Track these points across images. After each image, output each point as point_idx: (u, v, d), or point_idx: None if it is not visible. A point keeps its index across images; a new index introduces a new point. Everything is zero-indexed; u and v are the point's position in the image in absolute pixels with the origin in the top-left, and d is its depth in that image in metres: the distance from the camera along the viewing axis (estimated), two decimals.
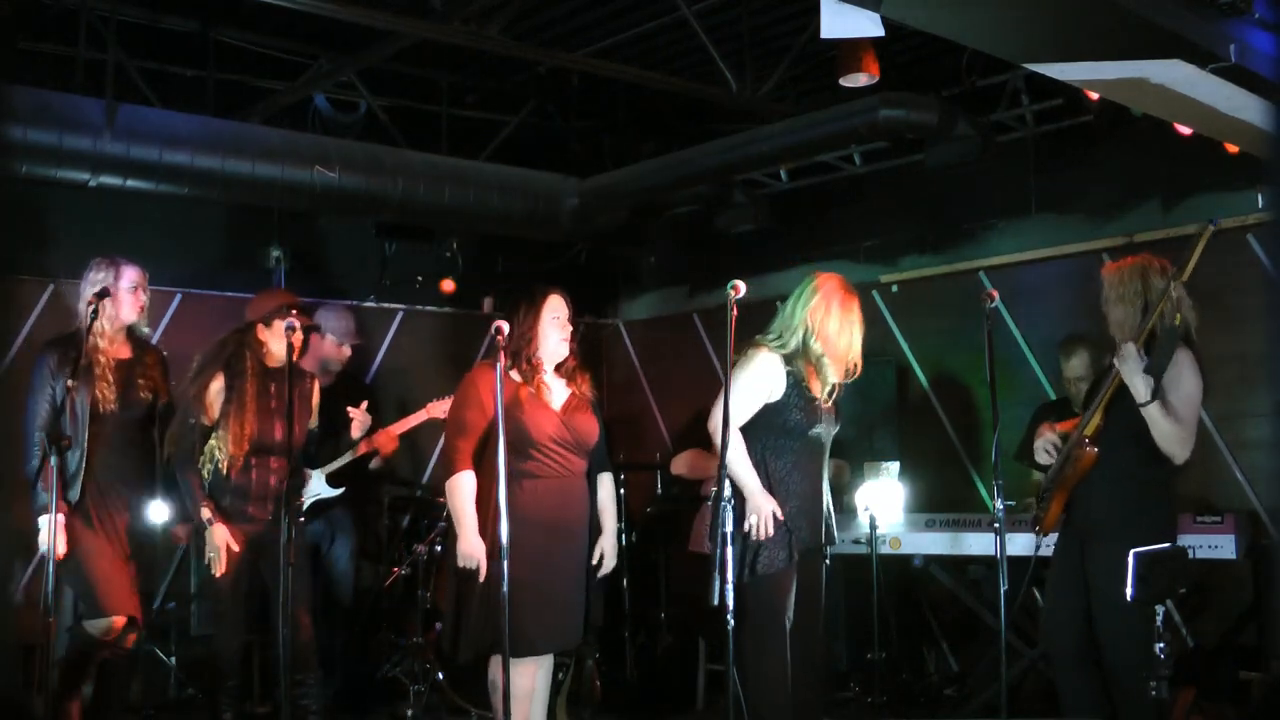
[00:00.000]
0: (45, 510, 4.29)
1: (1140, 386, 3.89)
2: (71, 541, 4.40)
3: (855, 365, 4.17)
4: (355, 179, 6.08)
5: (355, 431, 5.07)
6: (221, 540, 4.55)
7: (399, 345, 7.54)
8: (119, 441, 4.62)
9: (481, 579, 3.97)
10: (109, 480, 4.59)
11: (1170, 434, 3.92)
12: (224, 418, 4.62)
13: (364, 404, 5.14)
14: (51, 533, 4.14)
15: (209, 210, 6.60)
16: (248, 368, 4.68)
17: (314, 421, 4.96)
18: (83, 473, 4.48)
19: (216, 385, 4.66)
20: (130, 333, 4.72)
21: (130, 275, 4.70)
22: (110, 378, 4.59)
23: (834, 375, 4.11)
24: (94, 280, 4.64)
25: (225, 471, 4.63)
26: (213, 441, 4.64)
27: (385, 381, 7.28)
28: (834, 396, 4.19)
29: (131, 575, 4.60)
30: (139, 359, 4.75)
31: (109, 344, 4.62)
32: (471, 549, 4.01)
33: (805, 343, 4.08)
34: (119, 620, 4.50)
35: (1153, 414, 3.89)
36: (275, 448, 4.68)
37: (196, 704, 5.70)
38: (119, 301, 4.64)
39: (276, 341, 4.71)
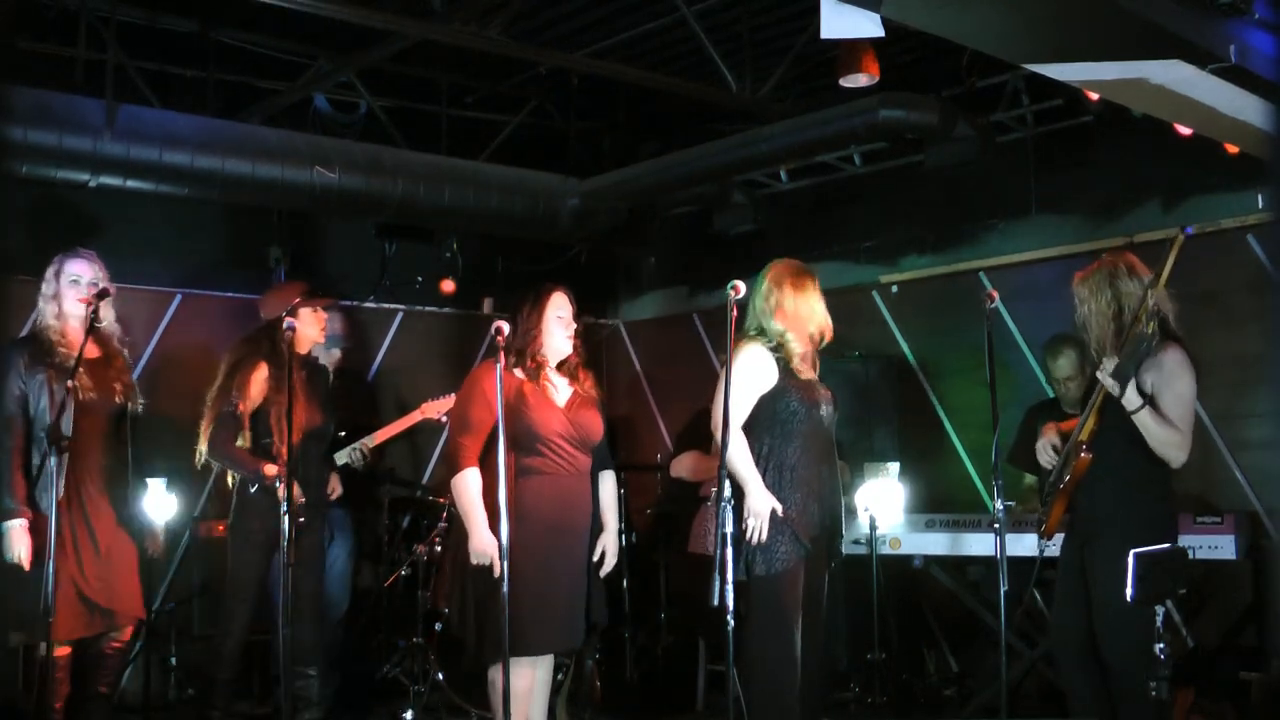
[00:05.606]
0: (9, 515, 4.30)
1: (1128, 395, 3.86)
2: (38, 550, 4.26)
3: (823, 333, 4.22)
4: (355, 179, 6.07)
5: None
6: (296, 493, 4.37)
7: (399, 345, 7.53)
8: (98, 438, 4.57)
9: (495, 575, 3.91)
10: (91, 478, 4.53)
11: (1165, 439, 3.89)
12: (272, 408, 4.67)
13: None
14: (51, 538, 4.07)
15: (209, 210, 6.59)
16: (289, 360, 4.52)
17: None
18: (65, 473, 4.34)
19: (261, 374, 4.73)
20: (96, 333, 4.47)
21: (71, 268, 4.57)
22: (85, 374, 4.48)
23: (800, 346, 4.15)
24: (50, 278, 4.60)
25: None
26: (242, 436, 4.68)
27: (385, 382, 7.27)
28: (818, 373, 4.24)
29: (94, 588, 4.48)
30: (109, 361, 4.64)
31: (61, 337, 4.52)
32: (484, 545, 4.00)
33: (772, 325, 4.15)
34: (64, 650, 4.44)
35: (1145, 421, 3.87)
36: (313, 434, 4.84)
37: (196, 704, 5.69)
38: (61, 296, 4.56)
39: (307, 327, 4.86)
